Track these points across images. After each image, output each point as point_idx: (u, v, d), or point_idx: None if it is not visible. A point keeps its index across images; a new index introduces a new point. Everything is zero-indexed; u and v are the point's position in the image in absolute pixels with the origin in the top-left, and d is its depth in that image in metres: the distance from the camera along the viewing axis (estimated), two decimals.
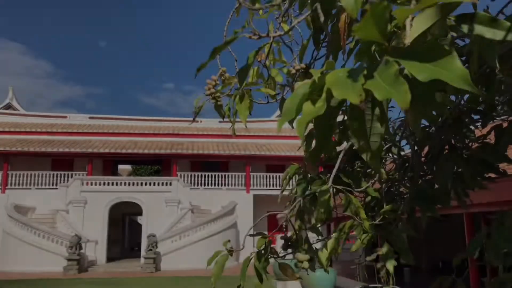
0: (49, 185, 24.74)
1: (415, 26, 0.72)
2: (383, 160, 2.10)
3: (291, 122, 0.91)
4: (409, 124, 0.84)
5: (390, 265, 1.81)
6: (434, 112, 1.19)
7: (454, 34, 0.91)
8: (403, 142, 2.02)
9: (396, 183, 1.96)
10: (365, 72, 0.71)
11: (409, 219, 1.80)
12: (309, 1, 1.31)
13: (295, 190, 1.78)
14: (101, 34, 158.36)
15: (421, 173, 1.86)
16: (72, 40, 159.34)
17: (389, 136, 1.92)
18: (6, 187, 24.38)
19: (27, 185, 24.69)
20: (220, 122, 30.05)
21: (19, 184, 24.61)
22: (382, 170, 0.87)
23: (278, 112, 33.83)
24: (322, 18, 1.13)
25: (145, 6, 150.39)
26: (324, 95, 0.76)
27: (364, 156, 0.84)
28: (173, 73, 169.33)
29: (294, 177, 1.89)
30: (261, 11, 1.54)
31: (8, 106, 33.61)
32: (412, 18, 0.73)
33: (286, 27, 1.87)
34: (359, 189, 1.58)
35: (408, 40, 0.71)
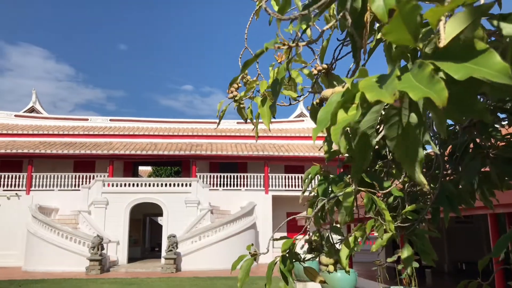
0: (71, 186, 25.22)
1: (449, 29, 0.70)
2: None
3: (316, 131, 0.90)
4: (434, 124, 0.82)
5: (410, 267, 1.78)
6: None
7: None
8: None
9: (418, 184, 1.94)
10: (398, 74, 0.70)
11: (432, 219, 1.77)
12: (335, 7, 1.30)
13: (316, 191, 1.77)
14: (121, 37, 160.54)
15: (445, 172, 1.84)
16: (92, 44, 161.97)
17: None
18: (31, 189, 24.93)
19: (50, 186, 25.20)
20: (238, 123, 30.13)
21: (42, 186, 25.14)
22: (423, 179, 0.84)
23: (297, 113, 33.80)
24: (349, 22, 1.12)
25: (163, 9, 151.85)
26: (357, 101, 0.76)
27: (404, 165, 0.82)
28: (192, 75, 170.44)
29: (315, 178, 1.88)
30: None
31: (32, 110, 34.39)
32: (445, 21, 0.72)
33: (304, 27, 1.86)
34: (383, 190, 1.56)
35: (442, 43, 0.70)
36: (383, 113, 0.83)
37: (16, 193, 24.64)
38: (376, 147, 1.79)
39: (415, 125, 0.78)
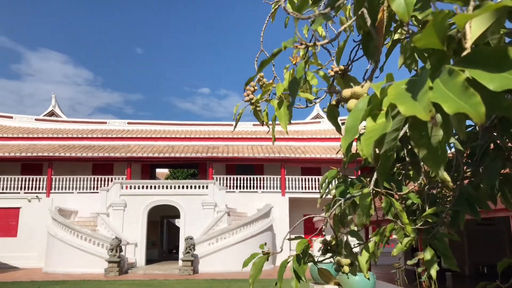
0: (90, 189, 25.57)
1: (474, 29, 0.69)
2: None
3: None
4: (453, 126, 0.80)
5: (433, 270, 1.75)
6: None
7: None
8: None
9: (438, 185, 1.91)
10: (429, 84, 0.68)
11: (452, 222, 1.74)
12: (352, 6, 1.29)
13: (333, 193, 1.76)
14: (137, 41, 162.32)
15: (465, 174, 1.80)
16: (110, 48, 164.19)
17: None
18: (51, 191, 25.36)
19: (69, 189, 25.60)
20: (254, 125, 30.16)
21: (62, 188, 25.54)
22: (447, 177, 0.82)
23: (313, 114, 33.67)
24: (369, 22, 1.11)
25: (179, 13, 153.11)
26: (385, 108, 0.74)
27: (428, 164, 0.80)
28: (208, 78, 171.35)
29: (332, 182, 1.87)
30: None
31: (51, 113, 35.01)
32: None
33: (320, 30, 1.86)
34: (401, 193, 1.54)
35: (469, 43, 0.69)
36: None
37: (36, 196, 25.10)
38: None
39: (440, 126, 0.76)
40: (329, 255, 1.63)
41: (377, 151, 0.94)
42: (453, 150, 1.69)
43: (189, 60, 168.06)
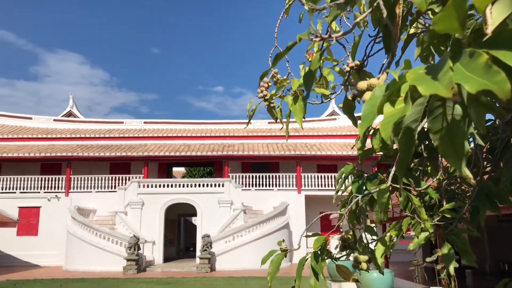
0: (108, 188, 25.89)
1: (495, 15, 0.67)
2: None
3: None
4: (472, 119, 0.78)
5: (451, 266, 1.72)
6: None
7: None
8: None
9: (457, 181, 1.88)
10: (450, 65, 0.66)
11: (471, 218, 1.71)
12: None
13: (349, 189, 1.75)
14: (153, 41, 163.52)
15: (485, 169, 1.77)
16: (125, 49, 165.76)
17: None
18: (69, 191, 25.76)
19: (88, 188, 25.96)
20: (269, 123, 30.13)
21: (80, 188, 25.93)
22: (469, 174, 0.80)
23: (328, 111, 33.48)
24: (385, 14, 1.09)
25: (192, 13, 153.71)
26: (403, 94, 0.72)
27: (448, 159, 0.78)
28: (222, 76, 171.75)
29: (349, 177, 1.85)
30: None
31: (69, 114, 35.52)
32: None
33: (334, 25, 1.84)
34: (419, 189, 1.52)
35: (490, 29, 0.67)
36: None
37: (56, 195, 25.52)
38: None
39: (460, 117, 0.75)
40: (346, 252, 1.62)
41: (396, 147, 0.92)
42: (472, 145, 1.66)
43: (203, 59, 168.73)
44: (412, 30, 1.46)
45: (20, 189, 25.74)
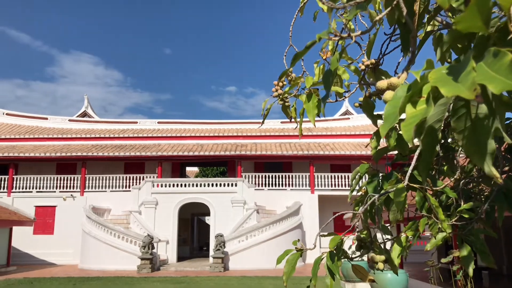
0: (122, 187, 26.13)
1: None
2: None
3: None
4: (497, 118, 0.76)
5: (470, 268, 1.69)
6: None
7: None
8: None
9: (474, 180, 1.85)
10: (473, 65, 0.65)
11: (487, 218, 1.69)
12: None
13: (365, 188, 1.73)
14: (165, 42, 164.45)
15: (503, 169, 1.74)
16: (139, 50, 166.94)
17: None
18: (84, 190, 26.06)
19: (102, 188, 26.24)
20: (282, 122, 30.09)
21: (95, 187, 26.22)
22: (496, 173, 0.78)
23: (342, 111, 33.31)
24: (404, 11, 1.08)
25: (204, 13, 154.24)
26: (425, 95, 0.71)
27: (473, 158, 0.77)
28: (234, 76, 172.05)
29: (364, 176, 1.84)
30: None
31: (84, 114, 35.95)
32: None
33: (351, 25, 1.83)
34: (436, 188, 1.50)
35: None
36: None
37: (71, 195, 25.84)
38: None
39: (484, 116, 0.73)
40: (361, 252, 1.60)
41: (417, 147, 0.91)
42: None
43: (215, 59, 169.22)
44: (429, 28, 1.44)
45: (36, 188, 26.13)
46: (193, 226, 31.94)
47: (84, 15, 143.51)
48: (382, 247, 1.56)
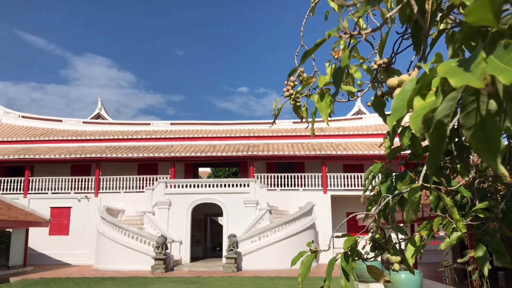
0: (136, 188, 26.33)
1: None
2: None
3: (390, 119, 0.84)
4: (508, 114, 0.75)
5: (486, 268, 1.67)
6: None
7: None
8: None
9: (489, 179, 1.83)
10: (483, 56, 0.65)
11: (503, 218, 1.66)
12: None
13: (378, 188, 1.72)
14: (177, 43, 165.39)
15: None
16: (151, 51, 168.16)
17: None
18: (99, 191, 26.31)
19: (116, 189, 26.46)
20: (294, 123, 30.02)
21: (109, 188, 26.45)
22: (505, 172, 0.76)
23: (354, 110, 33.12)
24: (415, 9, 1.08)
25: (216, 15, 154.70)
26: (434, 88, 0.71)
27: (482, 156, 0.75)
28: (246, 77, 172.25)
29: (377, 176, 1.82)
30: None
31: (98, 116, 36.32)
32: None
33: (361, 22, 1.82)
34: (451, 188, 1.48)
35: None
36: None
37: (85, 196, 26.12)
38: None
39: (494, 112, 0.72)
40: (376, 252, 1.59)
41: (425, 144, 0.90)
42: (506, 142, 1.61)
43: (227, 60, 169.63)
44: (442, 26, 1.43)
45: (51, 190, 26.46)
46: (206, 227, 32.04)
47: (97, 18, 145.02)
48: (397, 247, 1.55)
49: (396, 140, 1.33)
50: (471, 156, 1.87)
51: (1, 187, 26.49)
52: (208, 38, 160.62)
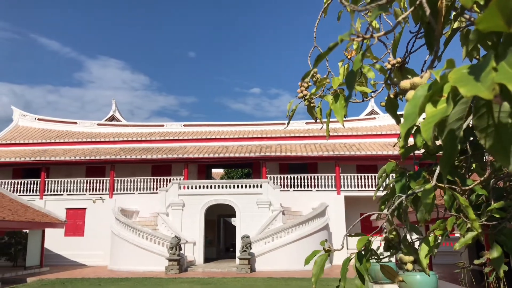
0: (150, 189, 26.53)
1: None
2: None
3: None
4: None
5: (501, 270, 1.65)
6: None
7: None
8: None
9: (504, 178, 1.81)
10: (493, 65, 0.65)
11: None
12: None
13: (392, 187, 1.72)
14: (189, 45, 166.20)
15: None
16: (164, 54, 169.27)
17: None
18: (113, 193, 26.56)
19: (130, 190, 26.69)
20: (307, 123, 29.94)
21: (124, 190, 26.69)
22: None
23: (367, 110, 32.91)
24: (427, 11, 1.08)
25: (228, 16, 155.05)
26: (446, 95, 0.71)
27: (497, 158, 0.75)
28: (258, 78, 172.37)
29: (390, 175, 1.82)
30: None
31: (112, 118, 36.67)
32: None
33: (374, 22, 1.82)
34: (466, 188, 1.48)
35: None
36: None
37: (100, 197, 26.39)
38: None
39: (507, 114, 0.72)
40: (390, 252, 1.59)
41: (439, 143, 0.90)
42: None
43: (239, 61, 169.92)
44: (456, 25, 1.42)
45: (67, 191, 26.79)
46: (219, 228, 32.12)
47: (110, 21, 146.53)
48: (412, 247, 1.54)
49: (411, 139, 1.33)
50: (486, 155, 1.85)
51: (18, 188, 26.91)
52: (220, 40, 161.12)
